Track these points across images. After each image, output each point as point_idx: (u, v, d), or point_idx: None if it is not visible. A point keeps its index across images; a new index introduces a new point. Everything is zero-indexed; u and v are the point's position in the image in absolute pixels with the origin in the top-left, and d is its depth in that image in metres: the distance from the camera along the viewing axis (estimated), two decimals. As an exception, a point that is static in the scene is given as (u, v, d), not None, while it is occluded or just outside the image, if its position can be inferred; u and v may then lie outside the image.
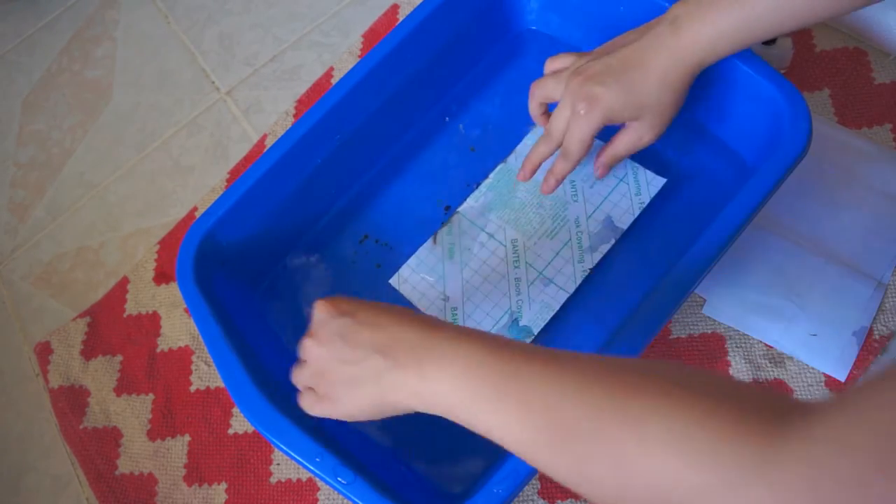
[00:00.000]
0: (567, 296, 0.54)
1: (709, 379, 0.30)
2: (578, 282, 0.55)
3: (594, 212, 0.57)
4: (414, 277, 0.58)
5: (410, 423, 0.53)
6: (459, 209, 0.59)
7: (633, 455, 0.28)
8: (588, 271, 0.55)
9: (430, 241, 0.59)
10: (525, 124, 0.62)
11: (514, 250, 0.57)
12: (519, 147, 0.61)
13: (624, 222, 0.56)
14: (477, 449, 0.51)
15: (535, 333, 0.54)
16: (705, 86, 0.56)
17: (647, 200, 0.56)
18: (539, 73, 0.64)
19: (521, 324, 0.54)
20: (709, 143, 0.58)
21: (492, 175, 0.60)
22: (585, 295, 0.55)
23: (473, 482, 0.50)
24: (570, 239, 0.56)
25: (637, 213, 0.56)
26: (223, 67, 0.78)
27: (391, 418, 0.53)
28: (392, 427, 0.53)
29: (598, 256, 0.55)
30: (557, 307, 0.54)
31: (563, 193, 0.58)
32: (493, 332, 0.54)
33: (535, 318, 0.54)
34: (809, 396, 0.52)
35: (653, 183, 0.57)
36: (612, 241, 0.55)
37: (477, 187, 0.60)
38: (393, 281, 0.58)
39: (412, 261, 0.58)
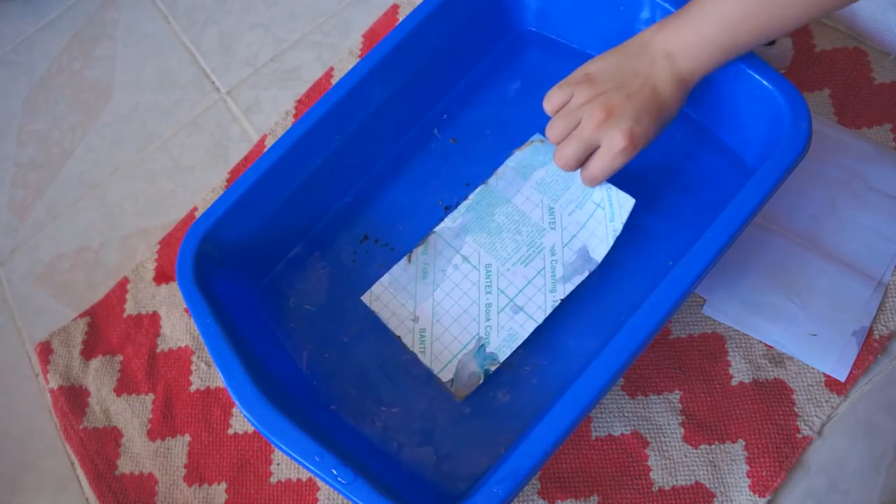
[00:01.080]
0: (536, 325, 0.54)
1: None
2: (548, 312, 0.54)
3: (570, 240, 0.56)
4: (386, 295, 0.57)
5: (411, 423, 0.53)
6: (436, 229, 0.59)
7: None
8: (558, 302, 0.54)
9: (404, 260, 0.58)
10: (525, 123, 0.62)
11: (486, 275, 0.56)
12: (500, 169, 0.60)
13: (598, 254, 0.55)
14: (477, 449, 0.52)
15: (501, 361, 0.53)
16: (705, 86, 0.56)
17: (620, 228, 0.54)
18: (539, 74, 0.64)
19: (487, 350, 0.54)
20: (709, 143, 0.58)
21: (472, 196, 0.59)
22: (585, 294, 0.55)
23: (473, 482, 0.50)
24: (545, 268, 0.55)
25: (611, 242, 0.54)
26: (223, 67, 0.78)
27: (390, 418, 0.53)
28: (392, 427, 0.53)
29: (569, 287, 0.54)
30: (526, 336, 0.54)
31: (540, 220, 0.57)
32: (459, 357, 0.54)
33: (502, 345, 0.54)
34: (809, 397, 0.52)
35: (624, 206, 0.53)
36: (586, 273, 0.54)
37: (455, 208, 0.59)
38: (364, 298, 0.57)
39: (385, 278, 0.58)
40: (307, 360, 0.57)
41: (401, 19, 0.70)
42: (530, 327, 0.54)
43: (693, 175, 0.58)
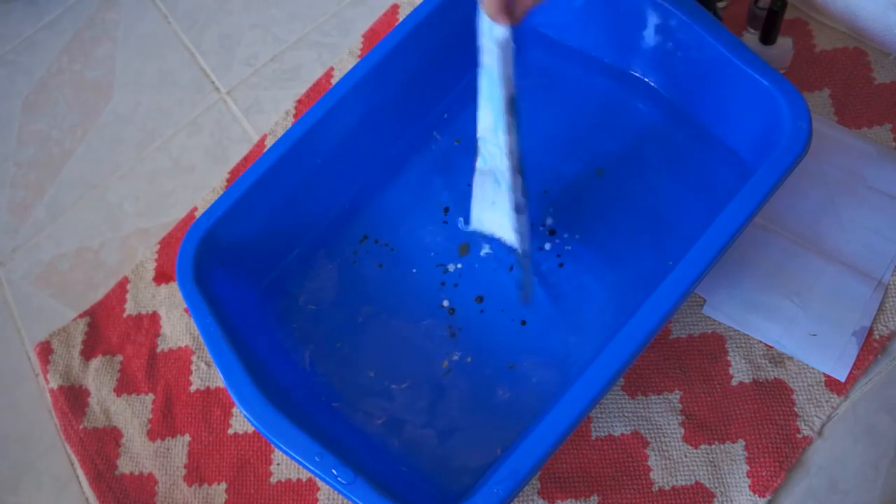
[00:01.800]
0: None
1: None
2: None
3: (494, 89, 0.48)
4: (487, 216, 0.55)
5: (411, 423, 0.53)
6: (479, 135, 0.53)
7: None
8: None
9: (477, 176, 0.54)
10: (526, 122, 0.61)
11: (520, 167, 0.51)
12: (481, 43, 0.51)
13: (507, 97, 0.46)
14: (477, 449, 0.52)
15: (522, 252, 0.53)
16: (705, 86, 0.56)
17: (514, 80, 0.46)
18: (539, 74, 0.64)
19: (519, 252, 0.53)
20: (709, 143, 0.58)
21: (480, 83, 0.51)
22: (586, 294, 0.55)
23: (473, 482, 0.50)
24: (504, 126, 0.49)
25: (510, 91, 0.46)
26: (223, 67, 0.78)
27: (395, 403, 0.53)
28: (393, 427, 0.53)
29: (519, 179, 0.50)
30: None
31: (492, 71, 0.49)
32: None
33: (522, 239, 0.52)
34: (809, 397, 0.52)
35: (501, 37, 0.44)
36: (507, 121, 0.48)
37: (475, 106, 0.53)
38: (474, 225, 0.56)
39: (475, 203, 0.55)
40: (310, 359, 0.57)
41: (401, 19, 0.70)
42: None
43: (693, 175, 0.58)
